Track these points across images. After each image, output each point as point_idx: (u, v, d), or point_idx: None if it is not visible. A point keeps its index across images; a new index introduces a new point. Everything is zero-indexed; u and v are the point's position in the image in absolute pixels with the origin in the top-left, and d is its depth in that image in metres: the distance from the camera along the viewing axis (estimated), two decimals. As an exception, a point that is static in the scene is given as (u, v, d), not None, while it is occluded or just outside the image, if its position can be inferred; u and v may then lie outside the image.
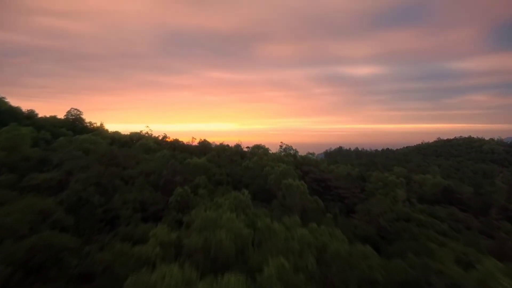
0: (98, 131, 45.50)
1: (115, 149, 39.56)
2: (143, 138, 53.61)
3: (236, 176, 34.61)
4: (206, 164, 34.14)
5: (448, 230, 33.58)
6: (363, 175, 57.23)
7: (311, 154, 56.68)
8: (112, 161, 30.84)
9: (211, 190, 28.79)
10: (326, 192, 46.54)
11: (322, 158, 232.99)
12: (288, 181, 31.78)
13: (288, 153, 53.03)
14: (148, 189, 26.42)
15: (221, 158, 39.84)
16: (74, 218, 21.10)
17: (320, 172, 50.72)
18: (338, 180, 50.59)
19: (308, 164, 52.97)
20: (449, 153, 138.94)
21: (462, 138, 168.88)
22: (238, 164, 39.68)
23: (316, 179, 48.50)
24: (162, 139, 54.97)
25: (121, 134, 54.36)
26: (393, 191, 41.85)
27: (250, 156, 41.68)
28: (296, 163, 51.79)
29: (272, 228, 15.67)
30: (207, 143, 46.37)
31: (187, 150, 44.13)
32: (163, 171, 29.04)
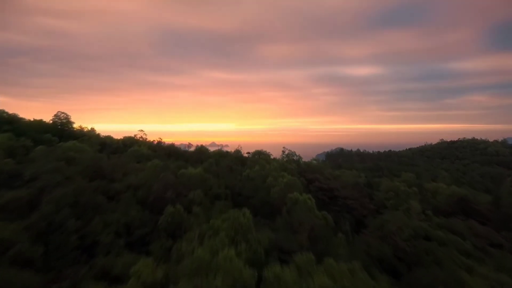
0: (88, 136, 42.15)
1: (104, 156, 36.27)
2: (136, 143, 50.30)
3: (235, 188, 31.28)
4: (202, 175, 30.82)
5: (472, 249, 30.34)
6: (370, 183, 53.96)
7: (315, 160, 53.35)
8: (97, 173, 27.50)
9: (207, 207, 25.44)
10: (332, 202, 43.23)
11: (323, 160, 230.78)
12: (294, 195, 28.51)
13: (291, 159, 49.74)
14: (135, 207, 23.06)
15: (219, 167, 36.55)
16: (43, 247, 17.82)
17: (325, 180, 47.40)
18: (345, 188, 47.30)
19: (312, 171, 49.68)
20: (454, 156, 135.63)
21: (466, 140, 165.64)
22: (238, 173, 36.36)
23: (322, 188, 45.18)
24: (157, 144, 51.66)
25: (113, 139, 51.02)
26: (406, 202, 38.59)
27: (251, 164, 38.37)
28: (300, 170, 48.50)
29: (282, 278, 12.30)
30: (205, 149, 42.93)
31: (183, 156, 40.81)
32: (153, 185, 25.71)
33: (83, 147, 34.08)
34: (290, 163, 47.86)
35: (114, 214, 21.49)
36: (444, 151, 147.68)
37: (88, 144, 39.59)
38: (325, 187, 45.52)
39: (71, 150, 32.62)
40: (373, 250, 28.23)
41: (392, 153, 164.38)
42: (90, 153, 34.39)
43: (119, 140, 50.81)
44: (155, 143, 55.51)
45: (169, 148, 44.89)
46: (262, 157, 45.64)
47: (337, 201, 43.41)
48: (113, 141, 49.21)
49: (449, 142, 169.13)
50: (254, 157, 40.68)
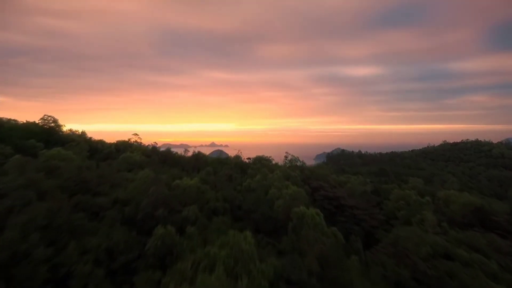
0: (76, 142, 39.19)
1: (92, 164, 33.33)
2: (130, 148, 47.32)
3: (235, 201, 28.33)
4: (199, 186, 27.89)
5: (498, 270, 27.54)
6: (378, 190, 51.10)
7: (319, 164, 50.40)
8: (81, 185, 24.56)
9: (203, 225, 22.50)
10: (339, 212, 40.29)
11: (324, 161, 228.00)
12: (299, 209, 25.64)
13: (294, 165, 46.85)
14: (121, 228, 20.10)
15: (217, 176, 33.65)
16: (5, 283, 14.92)
17: (331, 188, 44.48)
18: (352, 197, 44.39)
19: (316, 177, 46.78)
20: (458, 158, 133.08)
21: (469, 142, 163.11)
22: (238, 183, 33.43)
23: (328, 196, 42.26)
24: (152, 148, 48.70)
25: (105, 143, 48.05)
26: (420, 213, 35.77)
27: (252, 173, 35.43)
28: (304, 177, 45.61)
29: None
30: (202, 155, 39.94)
31: (179, 163, 37.87)
32: (143, 200, 22.75)
33: (69, 155, 31.10)
34: (293, 169, 44.95)
35: (94, 238, 18.53)
36: (448, 153, 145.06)
37: (76, 150, 36.65)
38: (331, 196, 42.59)
39: (55, 159, 29.68)
40: (389, 271, 25.42)
41: (395, 155, 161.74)
42: (76, 161, 31.43)
43: (112, 145, 47.82)
44: (150, 147, 52.60)
45: (164, 153, 41.92)
46: (264, 163, 42.70)
47: (344, 211, 40.49)
48: (104, 146, 46.23)
49: (452, 144, 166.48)
50: (256, 165, 37.70)
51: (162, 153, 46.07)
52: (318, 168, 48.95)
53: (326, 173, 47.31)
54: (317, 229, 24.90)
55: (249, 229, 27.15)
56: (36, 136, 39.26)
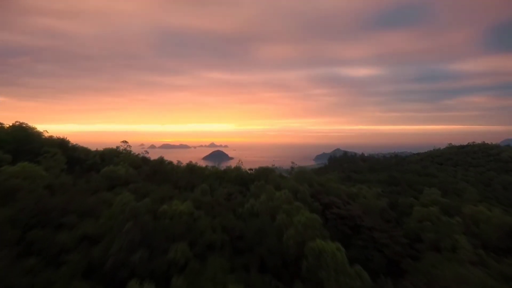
0: (53, 152, 33.92)
1: (67, 181, 28.15)
2: (118, 157, 42.08)
3: (235, 230, 23.15)
4: (191, 212, 22.74)
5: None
6: (394, 204, 45.98)
7: (330, 179, 45.26)
8: (40, 217, 19.37)
9: (194, 272, 17.31)
10: (356, 234, 35.14)
11: (326, 164, 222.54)
12: (316, 244, 20.58)
13: (301, 177, 41.75)
14: (81, 284, 14.92)
15: (215, 195, 28.52)
16: None
17: (344, 204, 39.30)
18: (368, 215, 39.23)
19: (327, 191, 41.64)
20: (466, 162, 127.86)
21: (476, 145, 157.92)
22: (239, 203, 28.27)
23: (341, 215, 37.05)
24: (143, 159, 43.49)
25: (89, 152, 42.82)
26: (450, 237, 30.61)
27: (255, 191, 30.24)
28: (313, 191, 40.44)
29: None
30: (197, 168, 34.56)
31: (170, 179, 32.65)
32: (116, 239, 17.58)
33: (36, 172, 25.88)
34: (300, 181, 39.80)
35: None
36: (455, 157, 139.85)
37: (50, 163, 31.44)
38: (345, 215, 37.33)
39: (18, 177, 24.51)
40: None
41: (400, 158, 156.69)
42: (46, 179, 26.23)
43: (97, 153, 42.57)
44: (141, 155, 47.35)
45: (155, 165, 36.67)
46: (268, 176, 37.55)
47: (361, 233, 35.27)
48: (89, 155, 41.00)
49: (458, 147, 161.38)
50: (259, 177, 32.51)
51: (153, 164, 40.91)
52: (328, 181, 43.76)
53: (337, 185, 42.15)
54: (338, 270, 19.86)
55: (252, 266, 22.16)
56: (8, 146, 34.06)
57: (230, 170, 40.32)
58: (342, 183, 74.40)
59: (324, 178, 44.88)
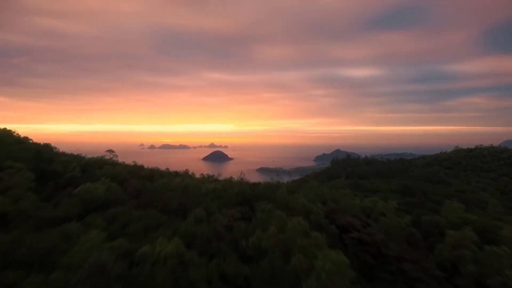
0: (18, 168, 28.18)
1: (27, 207, 22.59)
2: (102, 168, 36.57)
3: (238, 278, 17.69)
4: (181, 254, 17.28)
5: None
6: (417, 223, 40.48)
7: (345, 193, 39.71)
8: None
9: None
10: (380, 265, 29.65)
11: (328, 166, 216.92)
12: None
13: (313, 193, 36.28)
14: None
15: (212, 221, 23.05)
16: None
17: (363, 225, 33.80)
18: (391, 237, 33.75)
19: (342, 209, 36.16)
20: (477, 167, 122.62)
21: (485, 148, 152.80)
22: (241, 233, 22.74)
23: (362, 241, 31.49)
24: (133, 170, 37.93)
25: (71, 161, 37.27)
26: (499, 273, 25.17)
27: (262, 217, 24.63)
28: (327, 210, 34.96)
29: None
30: (192, 187, 28.74)
31: (160, 199, 26.99)
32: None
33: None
34: (313, 198, 34.38)
35: None
36: (464, 161, 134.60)
37: (14, 181, 25.86)
38: (366, 240, 31.67)
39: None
40: None
41: (406, 162, 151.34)
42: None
43: (78, 164, 37.00)
44: (132, 165, 41.78)
45: (144, 181, 30.97)
46: (276, 194, 32.06)
47: (387, 263, 29.81)
48: (67, 167, 35.42)
49: (466, 150, 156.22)
50: (267, 205, 26.97)
51: (145, 174, 35.42)
52: (343, 196, 38.26)
53: (352, 202, 36.72)
54: None
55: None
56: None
57: (230, 184, 34.81)
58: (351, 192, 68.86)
59: (338, 193, 39.32)
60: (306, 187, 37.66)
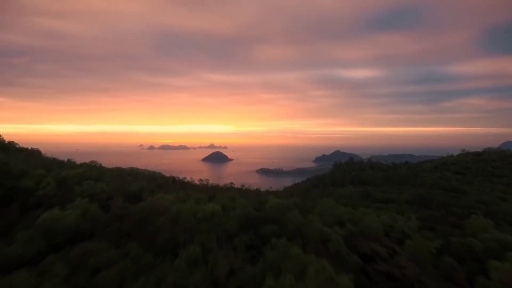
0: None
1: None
2: (82, 185, 31.20)
3: None
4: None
5: None
6: (445, 244, 35.38)
7: (364, 212, 34.43)
8: None
9: None
10: (415, 309, 24.48)
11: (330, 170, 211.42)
12: None
13: (329, 213, 31.09)
14: None
15: (210, 264, 17.83)
16: None
17: (390, 253, 28.55)
18: (423, 268, 28.54)
19: (363, 232, 30.92)
20: (488, 172, 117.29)
21: (494, 151, 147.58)
22: (248, 277, 17.50)
23: (390, 275, 26.29)
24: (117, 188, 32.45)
25: (46, 175, 32.03)
26: None
27: (272, 256, 19.26)
28: (346, 233, 29.70)
29: None
30: (183, 218, 22.50)
31: (145, 229, 21.52)
32: None
33: None
34: (330, 220, 29.14)
35: None
36: (473, 166, 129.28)
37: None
38: (397, 276, 26.52)
39: None
40: None
41: (412, 166, 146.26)
42: None
43: (52, 180, 31.66)
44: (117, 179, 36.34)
45: (125, 210, 25.38)
46: (288, 218, 26.81)
47: (424, 307, 24.68)
48: (40, 183, 30.12)
49: (473, 154, 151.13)
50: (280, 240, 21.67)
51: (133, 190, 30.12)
52: (363, 215, 33.00)
53: (374, 222, 31.58)
54: None
55: None
56: None
57: (232, 206, 29.56)
58: (361, 203, 63.76)
59: (358, 212, 34.06)
60: (320, 206, 32.37)
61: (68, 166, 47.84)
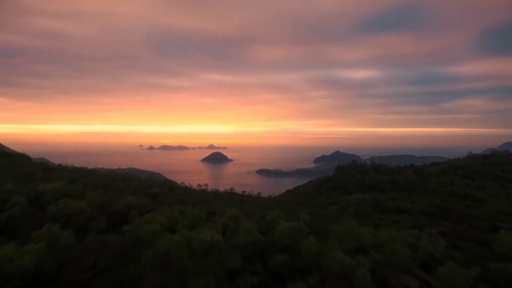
0: None
1: None
2: (57, 203, 26.58)
3: None
4: None
5: None
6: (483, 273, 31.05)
7: (391, 234, 29.79)
8: None
9: None
10: None
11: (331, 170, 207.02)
12: None
13: (349, 236, 26.43)
14: None
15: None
16: None
17: (424, 286, 24.03)
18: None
19: (390, 261, 26.38)
20: (498, 176, 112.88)
21: (503, 154, 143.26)
22: None
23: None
24: (100, 206, 27.85)
25: (15, 191, 27.40)
26: None
27: None
28: (372, 264, 25.20)
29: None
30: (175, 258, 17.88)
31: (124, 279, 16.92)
32: None
33: None
34: (349, 249, 24.55)
35: None
36: (482, 169, 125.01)
37: None
38: (437, 320, 22.17)
39: None
40: None
41: (418, 169, 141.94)
42: None
43: (29, 194, 27.02)
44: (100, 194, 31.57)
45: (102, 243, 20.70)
46: (301, 246, 22.39)
47: None
48: (11, 200, 25.39)
49: (482, 157, 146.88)
50: (297, 284, 17.14)
51: (113, 216, 25.51)
52: (387, 238, 28.40)
53: (402, 249, 26.83)
54: None
55: None
56: None
57: (234, 229, 24.94)
58: (373, 214, 59.29)
59: (382, 233, 29.47)
60: (338, 230, 27.76)
61: (53, 177, 43.05)
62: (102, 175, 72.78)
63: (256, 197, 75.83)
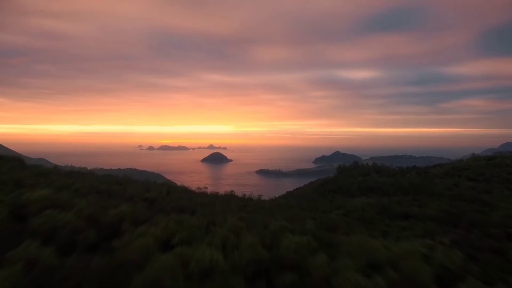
0: None
1: None
2: (42, 214, 24.27)
3: None
4: None
5: None
6: None
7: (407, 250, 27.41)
8: None
9: None
10: None
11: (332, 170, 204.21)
12: None
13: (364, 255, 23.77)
14: None
15: None
16: None
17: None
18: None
19: (408, 280, 24.42)
20: (504, 179, 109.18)
21: (507, 156, 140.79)
22: None
23: None
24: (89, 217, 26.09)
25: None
26: None
27: None
28: (386, 283, 23.10)
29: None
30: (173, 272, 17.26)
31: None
32: None
33: None
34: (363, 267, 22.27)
35: None
36: (487, 171, 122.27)
37: None
38: None
39: None
40: None
41: (421, 171, 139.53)
42: None
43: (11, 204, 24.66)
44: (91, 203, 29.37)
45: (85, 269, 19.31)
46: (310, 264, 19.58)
47: None
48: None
49: (485, 158, 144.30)
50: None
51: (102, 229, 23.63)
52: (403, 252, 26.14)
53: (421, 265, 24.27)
54: None
55: None
56: None
57: (236, 244, 22.41)
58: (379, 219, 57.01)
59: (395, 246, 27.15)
60: (348, 243, 25.49)
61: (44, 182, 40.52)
62: (98, 178, 70.08)
63: (257, 201, 73.54)
